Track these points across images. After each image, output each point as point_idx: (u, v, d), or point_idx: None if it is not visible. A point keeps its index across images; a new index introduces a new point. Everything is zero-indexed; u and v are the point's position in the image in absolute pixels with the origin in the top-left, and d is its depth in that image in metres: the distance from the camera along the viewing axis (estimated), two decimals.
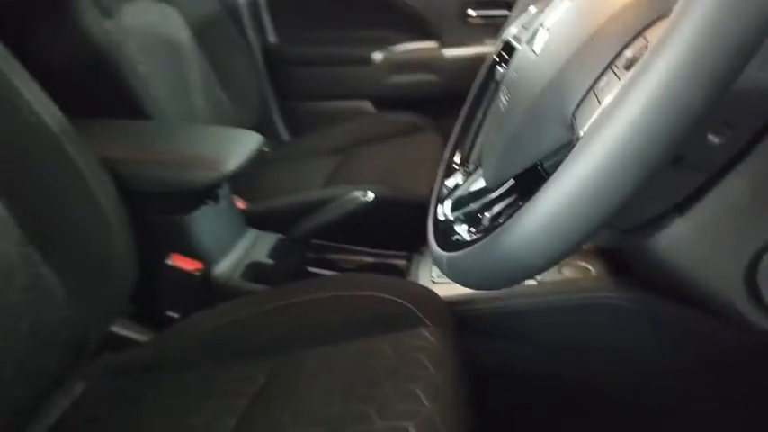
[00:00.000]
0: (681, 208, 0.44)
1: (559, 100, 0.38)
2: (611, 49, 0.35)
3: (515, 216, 0.33)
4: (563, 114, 0.37)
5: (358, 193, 0.99)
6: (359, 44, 1.49)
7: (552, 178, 0.31)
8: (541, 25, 0.47)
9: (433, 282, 0.83)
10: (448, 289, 0.73)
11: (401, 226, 0.94)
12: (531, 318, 0.71)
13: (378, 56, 1.48)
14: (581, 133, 0.33)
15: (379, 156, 1.26)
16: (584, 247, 0.72)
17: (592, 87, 0.36)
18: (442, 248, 0.44)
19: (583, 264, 0.74)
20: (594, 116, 0.33)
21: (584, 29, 0.39)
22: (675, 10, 0.28)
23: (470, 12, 1.46)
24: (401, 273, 0.99)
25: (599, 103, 0.34)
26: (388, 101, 1.52)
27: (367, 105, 1.54)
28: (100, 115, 0.88)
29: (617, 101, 0.29)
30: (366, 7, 1.48)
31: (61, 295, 0.65)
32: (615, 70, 0.34)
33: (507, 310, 0.72)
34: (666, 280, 0.55)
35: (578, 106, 0.36)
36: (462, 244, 0.40)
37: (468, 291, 0.72)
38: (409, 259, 0.97)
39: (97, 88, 0.95)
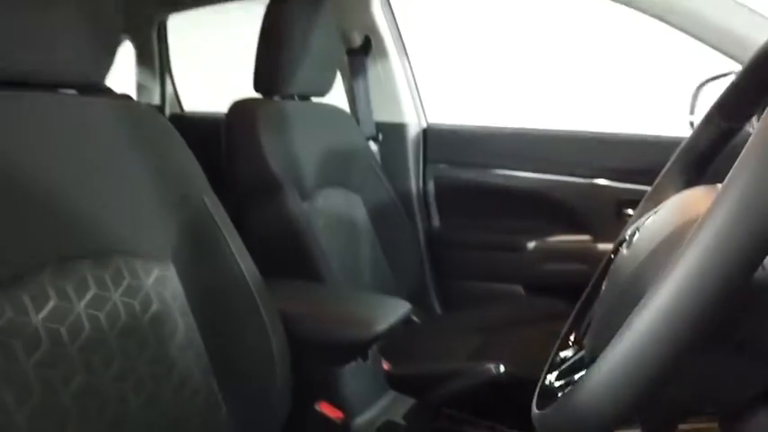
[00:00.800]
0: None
1: (636, 284, 0.45)
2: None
3: (584, 375, 0.40)
4: (638, 295, 0.44)
5: (490, 365, 1.04)
6: (515, 233, 1.62)
7: (612, 343, 0.38)
8: (637, 229, 0.55)
9: None
10: None
11: (530, 405, 0.96)
12: None
13: (532, 244, 1.59)
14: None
15: (523, 337, 1.31)
16: None
17: None
18: (539, 410, 0.50)
19: None
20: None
21: (664, 230, 0.47)
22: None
23: (627, 211, 1.53)
24: None
25: None
26: (540, 287, 1.58)
27: (518, 289, 1.62)
28: (283, 274, 1.09)
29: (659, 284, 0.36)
30: (524, 201, 1.63)
31: (224, 412, 0.78)
32: None
33: None
34: None
35: None
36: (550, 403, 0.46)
37: None
38: None
39: (285, 253, 1.18)
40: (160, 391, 0.78)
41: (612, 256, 0.66)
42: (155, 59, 2.11)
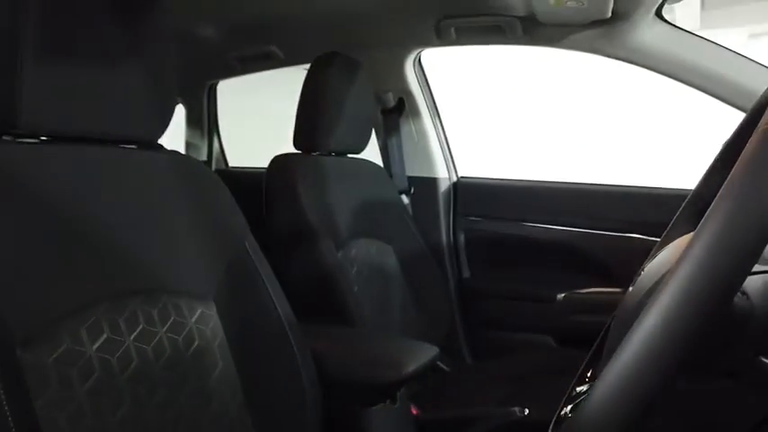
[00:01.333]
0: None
1: (634, 319, 0.49)
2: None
3: (583, 400, 0.43)
4: None
5: (515, 408, 1.06)
6: (544, 284, 1.64)
7: (604, 369, 0.42)
8: (642, 270, 0.60)
9: None
10: None
11: None
12: None
13: (561, 296, 1.60)
14: None
15: (553, 385, 1.31)
16: None
17: None
18: None
19: None
20: None
21: (661, 269, 0.51)
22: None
23: None
24: None
25: None
26: (570, 338, 1.58)
27: (548, 340, 1.62)
28: (317, 318, 1.14)
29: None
30: (553, 253, 1.66)
31: None
32: None
33: None
34: None
35: None
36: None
37: None
38: None
39: (319, 298, 1.24)
40: (199, 422, 0.83)
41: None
42: (204, 120, 2.27)
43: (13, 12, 0.70)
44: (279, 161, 1.37)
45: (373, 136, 1.64)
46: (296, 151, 1.44)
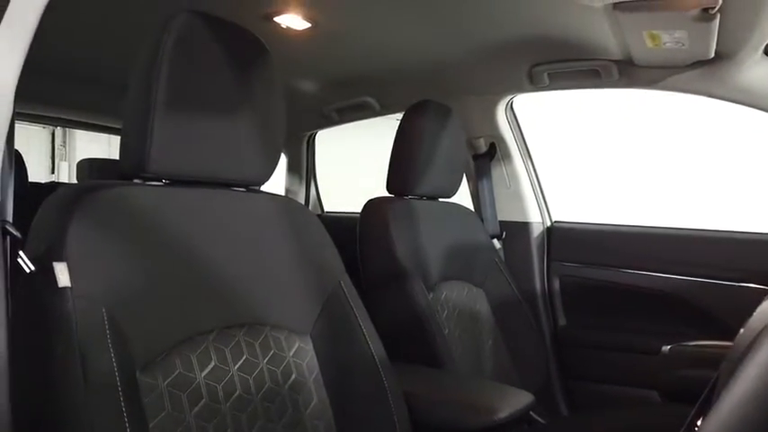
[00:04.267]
0: None
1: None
2: None
3: None
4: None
5: None
6: (647, 335, 1.55)
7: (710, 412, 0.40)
8: (753, 313, 0.56)
9: None
10: None
11: None
12: None
13: (667, 348, 1.50)
14: None
15: None
16: None
17: None
18: None
19: None
20: None
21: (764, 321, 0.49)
22: None
23: None
24: None
25: None
26: (677, 394, 1.47)
27: (653, 395, 1.52)
28: (407, 358, 1.15)
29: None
30: (656, 302, 1.57)
31: None
32: None
33: None
34: None
35: None
36: None
37: None
38: None
39: (410, 339, 1.25)
40: None
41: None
42: (302, 167, 2.41)
43: (149, 70, 0.80)
44: (372, 205, 1.42)
45: (464, 181, 1.66)
46: (388, 195, 1.49)
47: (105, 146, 5.42)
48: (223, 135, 0.88)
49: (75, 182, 2.35)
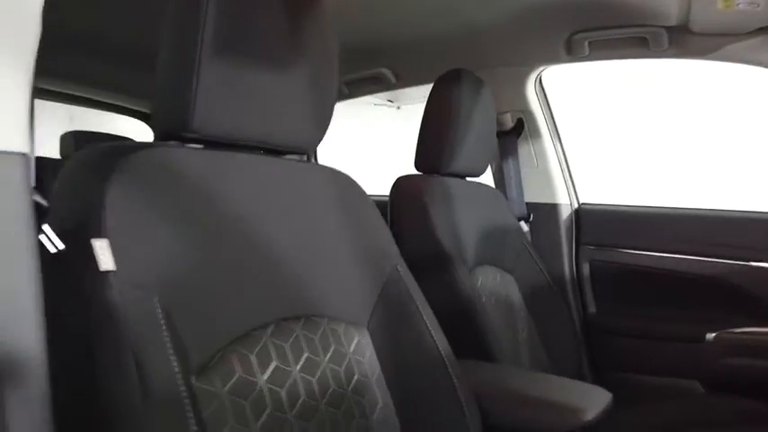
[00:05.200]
0: None
1: None
2: None
3: None
4: None
5: None
6: (687, 322, 1.47)
7: None
8: None
9: None
10: None
11: None
12: None
13: (712, 336, 1.42)
14: None
15: None
16: None
17: None
18: None
19: None
20: None
21: None
22: None
23: None
24: None
25: None
26: (723, 384, 1.40)
27: (695, 385, 1.44)
28: (454, 352, 1.03)
29: None
30: (696, 288, 1.49)
31: None
32: None
33: None
34: None
35: None
36: None
37: None
38: None
39: (455, 330, 1.12)
40: None
41: None
42: None
43: (195, 13, 0.65)
44: (405, 182, 1.29)
45: None
46: (417, 173, 1.36)
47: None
48: (273, 92, 0.74)
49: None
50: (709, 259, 1.47)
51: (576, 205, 1.68)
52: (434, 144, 1.33)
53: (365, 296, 0.82)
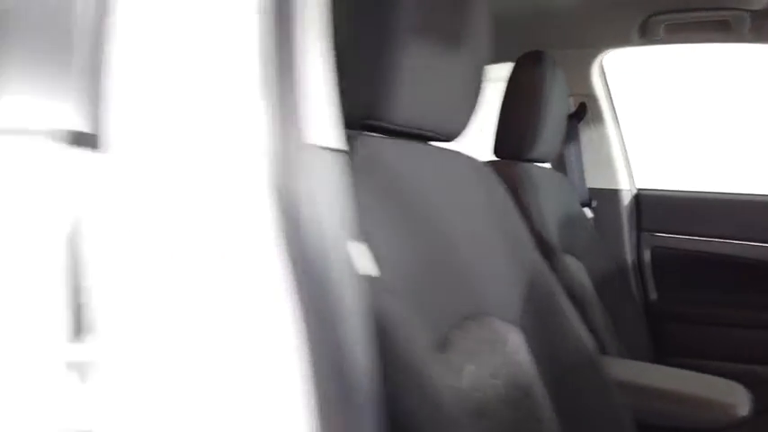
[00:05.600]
0: None
1: None
2: None
3: None
4: None
5: None
6: (754, 309, 1.47)
7: None
8: None
9: None
10: None
11: None
12: None
13: None
14: None
15: None
16: None
17: None
18: None
19: None
20: None
21: None
22: None
23: None
24: None
25: None
26: None
27: (759, 370, 1.45)
28: None
29: None
30: (760, 275, 1.49)
31: None
32: None
33: None
34: None
35: None
36: None
37: None
38: None
39: None
40: None
41: None
42: None
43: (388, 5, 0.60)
44: (495, 168, 1.24)
45: None
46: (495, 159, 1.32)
47: None
48: (442, 78, 0.69)
49: None
50: None
51: (634, 191, 1.67)
52: (517, 128, 1.29)
53: (514, 291, 0.78)
